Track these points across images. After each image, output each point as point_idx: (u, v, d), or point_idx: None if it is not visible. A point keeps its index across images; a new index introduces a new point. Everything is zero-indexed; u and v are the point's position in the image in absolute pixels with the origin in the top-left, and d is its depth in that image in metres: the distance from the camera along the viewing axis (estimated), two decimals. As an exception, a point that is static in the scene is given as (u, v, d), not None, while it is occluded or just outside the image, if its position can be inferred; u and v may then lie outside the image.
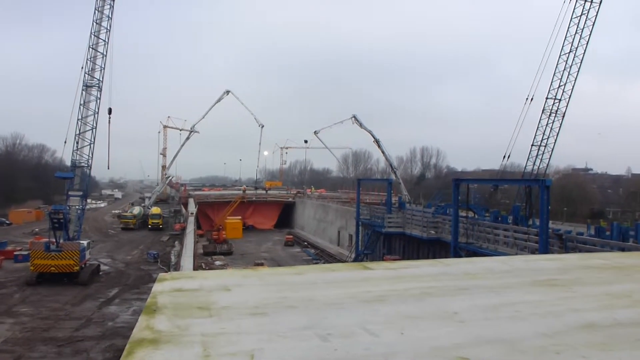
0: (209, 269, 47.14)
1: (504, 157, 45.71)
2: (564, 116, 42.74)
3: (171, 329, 2.53)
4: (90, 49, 46.47)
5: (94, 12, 46.29)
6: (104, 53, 46.66)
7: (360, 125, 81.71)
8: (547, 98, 42.87)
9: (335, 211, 79.33)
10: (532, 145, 43.58)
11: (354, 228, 58.29)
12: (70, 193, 46.55)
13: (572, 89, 42.32)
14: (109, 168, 54.37)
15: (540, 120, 43.22)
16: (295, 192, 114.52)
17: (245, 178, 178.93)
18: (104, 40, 46.67)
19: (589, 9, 40.95)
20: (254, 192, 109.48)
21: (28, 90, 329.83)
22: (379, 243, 51.86)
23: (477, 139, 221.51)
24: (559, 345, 2.38)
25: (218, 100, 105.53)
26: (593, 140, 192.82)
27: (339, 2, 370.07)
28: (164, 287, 3.32)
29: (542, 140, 43.20)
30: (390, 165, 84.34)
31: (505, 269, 4.06)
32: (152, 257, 57.35)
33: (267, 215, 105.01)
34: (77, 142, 46.29)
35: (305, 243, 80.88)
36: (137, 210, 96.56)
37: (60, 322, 33.19)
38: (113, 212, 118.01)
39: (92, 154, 46.76)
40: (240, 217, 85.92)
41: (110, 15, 46.59)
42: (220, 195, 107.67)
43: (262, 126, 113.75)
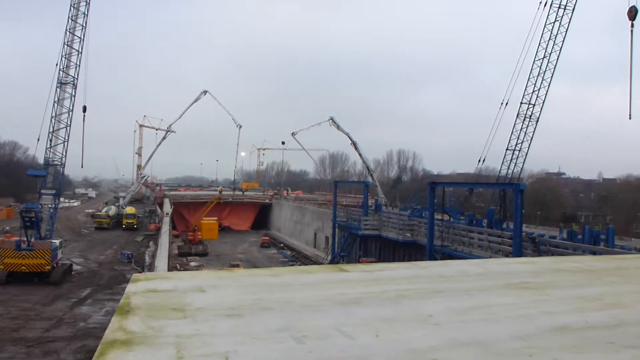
0: (183, 270, 46.76)
1: (479, 160, 46.29)
2: (537, 121, 43.43)
3: (144, 330, 2.49)
4: (66, 45, 45.83)
5: (70, 9, 45.68)
6: (80, 50, 46.07)
7: (338, 127, 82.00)
8: (521, 103, 43.54)
9: (312, 213, 79.34)
10: (506, 149, 44.19)
11: (330, 230, 58.35)
12: (42, 191, 45.82)
13: (546, 94, 43.06)
14: (82, 167, 53.77)
15: (514, 124, 43.87)
16: (272, 194, 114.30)
17: (222, 179, 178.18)
18: (80, 37, 46.08)
19: (562, 15, 41.72)
20: (231, 193, 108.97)
21: (0, 86, 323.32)
22: (355, 245, 51.99)
23: (453, 142, 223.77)
24: (532, 348, 2.41)
25: (195, 100, 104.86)
26: (566, 145, 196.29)
27: (319, 4, 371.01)
28: (138, 287, 3.28)
29: (516, 144, 43.82)
30: (367, 168, 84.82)
31: (479, 272, 4.09)
32: (126, 258, 56.65)
33: (243, 216, 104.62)
34: (51, 140, 45.60)
35: (282, 245, 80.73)
36: (112, 209, 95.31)
37: (30, 322, 32.58)
38: (86, 211, 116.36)
39: (66, 152, 46.14)
40: (216, 218, 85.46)
41: (86, 12, 45.99)
42: (196, 196, 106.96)
43: (240, 127, 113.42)
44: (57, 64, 45.65)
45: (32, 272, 42.72)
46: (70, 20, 45.75)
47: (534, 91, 43.03)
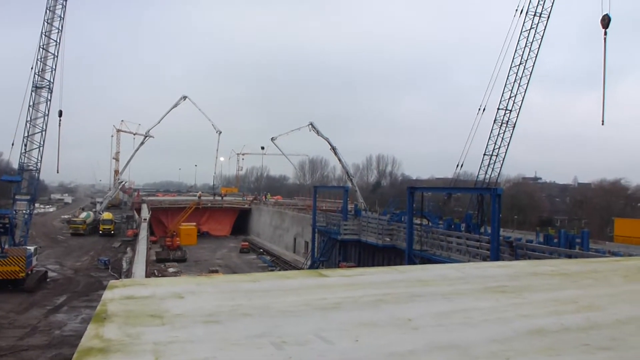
0: (161, 276, 46.33)
1: (457, 166, 46.85)
2: (514, 126, 44.09)
3: (122, 337, 2.46)
4: (41, 49, 45.32)
5: (46, 12, 45.18)
6: (55, 54, 45.63)
7: (317, 132, 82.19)
8: (498, 109, 44.14)
9: (292, 218, 79.25)
10: (484, 154, 44.78)
11: (310, 235, 58.37)
12: (17, 197, 45.20)
13: (522, 100, 43.77)
14: (58, 172, 53.14)
15: (492, 130, 44.46)
16: (251, 199, 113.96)
17: (201, 184, 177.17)
18: (56, 41, 45.67)
19: (538, 23, 42.50)
20: (210, 198, 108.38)
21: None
22: (334, 250, 52.07)
23: (431, 147, 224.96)
24: (509, 351, 2.44)
25: (175, 106, 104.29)
26: (542, 150, 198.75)
27: (298, 10, 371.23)
28: (115, 294, 3.24)
29: (493, 149, 44.42)
30: (347, 173, 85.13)
31: (458, 276, 4.12)
32: (103, 264, 55.92)
33: (222, 221, 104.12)
34: (26, 145, 45.04)
35: (261, 250, 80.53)
36: (88, 215, 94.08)
37: (3, 330, 31.96)
38: (62, 217, 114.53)
39: (41, 157, 45.62)
40: (195, 224, 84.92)
41: (63, 15, 45.55)
42: (175, 201, 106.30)
43: (220, 132, 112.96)
44: (32, 68, 45.13)
45: (5, 280, 41.90)
46: (46, 23, 45.26)
47: (510, 97, 43.71)
